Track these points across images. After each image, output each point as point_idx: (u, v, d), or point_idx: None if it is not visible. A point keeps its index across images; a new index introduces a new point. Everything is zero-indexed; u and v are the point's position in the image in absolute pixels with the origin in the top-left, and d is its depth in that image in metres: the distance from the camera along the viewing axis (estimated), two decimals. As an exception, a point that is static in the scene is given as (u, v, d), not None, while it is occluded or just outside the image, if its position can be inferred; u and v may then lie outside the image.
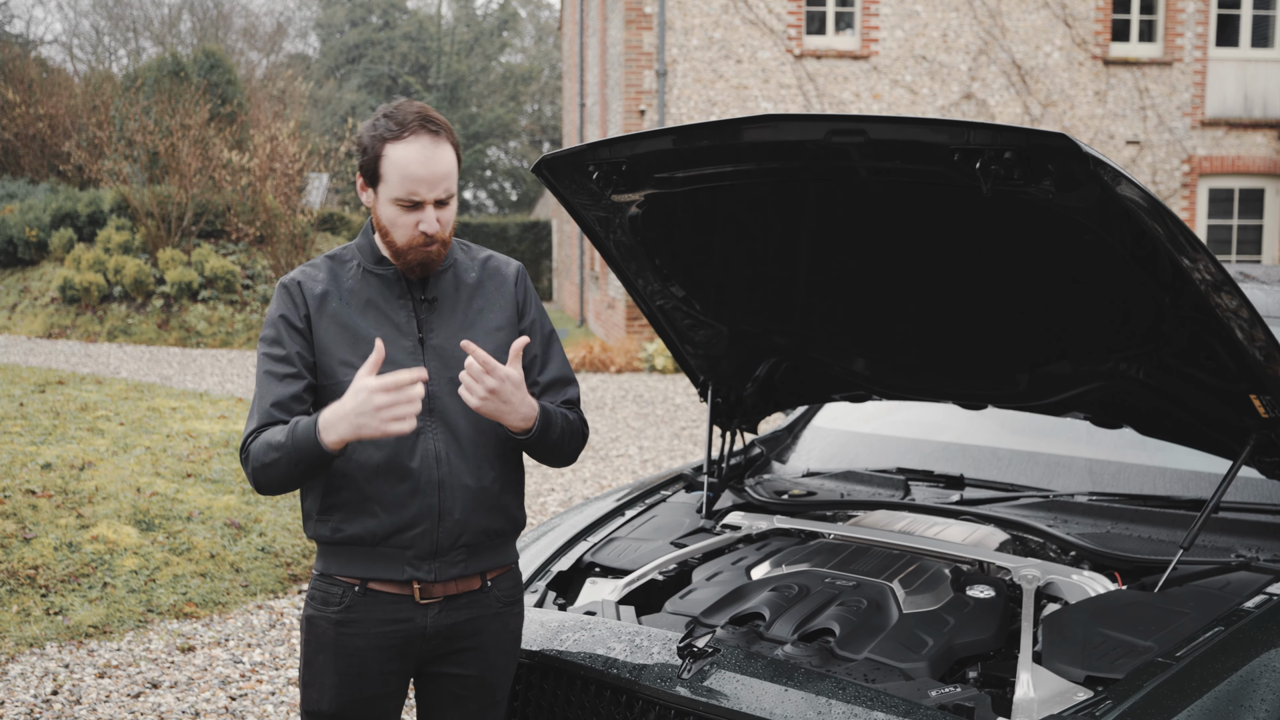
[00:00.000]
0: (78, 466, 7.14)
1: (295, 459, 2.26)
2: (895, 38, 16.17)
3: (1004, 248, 2.61)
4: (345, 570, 2.41)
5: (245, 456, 2.37)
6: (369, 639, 2.40)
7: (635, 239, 3.03)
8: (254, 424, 2.37)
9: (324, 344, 2.40)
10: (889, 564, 2.82)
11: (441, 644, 2.45)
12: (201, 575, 5.97)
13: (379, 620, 2.40)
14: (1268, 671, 2.21)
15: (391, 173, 2.32)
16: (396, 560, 2.39)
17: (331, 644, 2.41)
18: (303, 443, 2.25)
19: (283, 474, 2.30)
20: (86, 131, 21.25)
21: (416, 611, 2.41)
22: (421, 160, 2.31)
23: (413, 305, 2.44)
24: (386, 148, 2.32)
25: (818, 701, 2.23)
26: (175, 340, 17.30)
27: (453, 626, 2.44)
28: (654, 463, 9.62)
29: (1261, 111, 16.72)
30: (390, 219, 2.36)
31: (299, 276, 2.45)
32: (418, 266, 2.40)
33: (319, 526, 2.43)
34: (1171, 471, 3.23)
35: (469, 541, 2.43)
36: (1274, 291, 3.54)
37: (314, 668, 2.44)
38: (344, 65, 45.13)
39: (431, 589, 2.41)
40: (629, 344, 16.03)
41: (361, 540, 2.39)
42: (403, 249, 2.37)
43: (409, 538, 2.38)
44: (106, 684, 4.75)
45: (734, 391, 3.50)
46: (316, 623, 2.43)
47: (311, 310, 2.41)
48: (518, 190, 45.37)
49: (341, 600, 2.40)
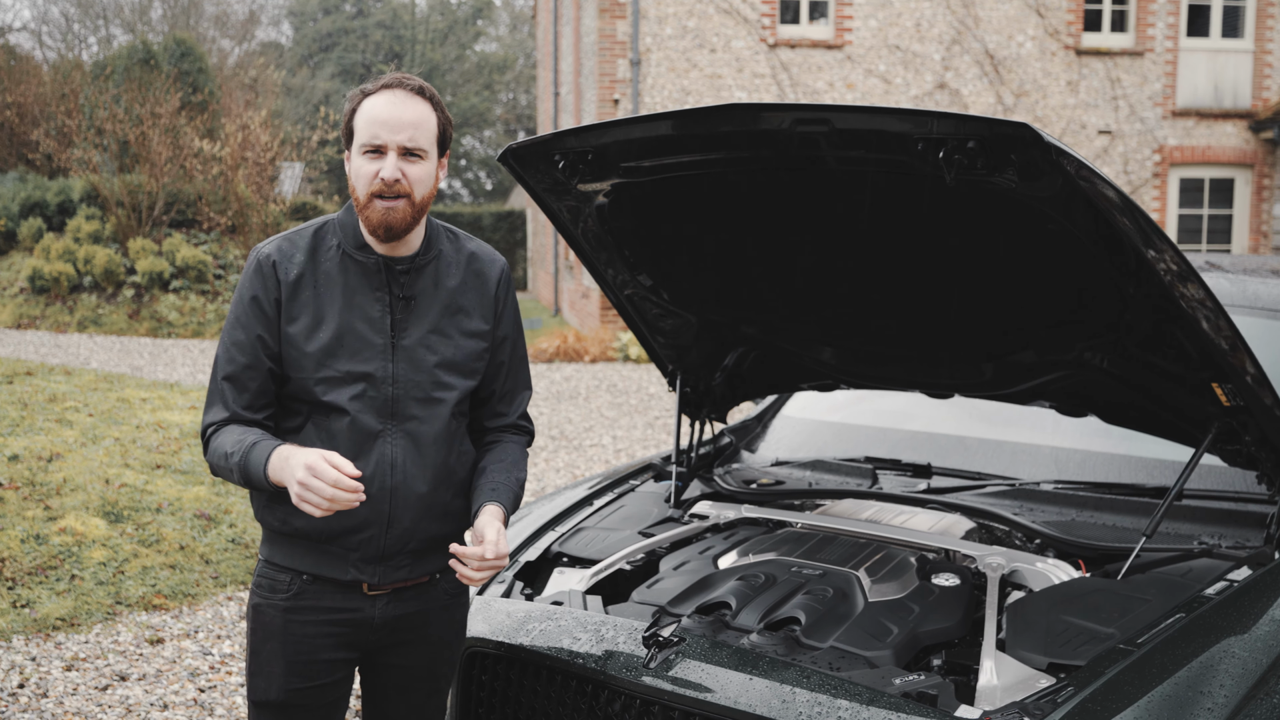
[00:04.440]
0: (45, 458, 7.08)
1: (243, 479, 2.30)
2: (869, 27, 16.19)
3: (969, 237, 2.62)
4: (292, 561, 2.39)
5: (204, 445, 2.38)
6: (318, 626, 2.38)
7: (603, 228, 3.02)
8: (216, 415, 2.36)
9: (293, 333, 2.33)
10: (855, 553, 2.83)
11: (388, 634, 2.44)
12: (171, 567, 5.93)
13: (327, 608, 2.38)
14: (1227, 657, 2.23)
15: (362, 121, 2.31)
16: (341, 560, 2.37)
17: (280, 631, 2.38)
18: (251, 472, 2.27)
19: (235, 481, 2.33)
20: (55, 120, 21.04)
21: (365, 601, 2.40)
22: (388, 104, 2.30)
23: (389, 301, 2.37)
24: (364, 102, 2.32)
25: (782, 690, 2.23)
26: (146, 330, 17.18)
27: (400, 618, 2.43)
28: (627, 452, 9.63)
29: (1232, 102, 16.84)
30: (358, 169, 2.31)
31: (275, 254, 2.35)
32: (381, 228, 2.30)
33: (267, 513, 2.40)
34: (1136, 459, 3.25)
35: (415, 548, 2.40)
36: (1239, 281, 3.56)
37: (261, 656, 2.41)
38: (317, 54, 44.85)
39: (378, 584, 2.40)
40: (603, 333, 16.02)
41: (308, 535, 2.36)
42: (364, 203, 2.30)
43: (355, 540, 2.35)
44: (74, 677, 4.72)
45: (703, 381, 3.50)
46: (264, 611, 2.40)
47: (284, 295, 2.33)
48: (493, 179, 45.23)
49: (290, 588, 2.38)
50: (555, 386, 13.32)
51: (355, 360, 2.33)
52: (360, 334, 2.34)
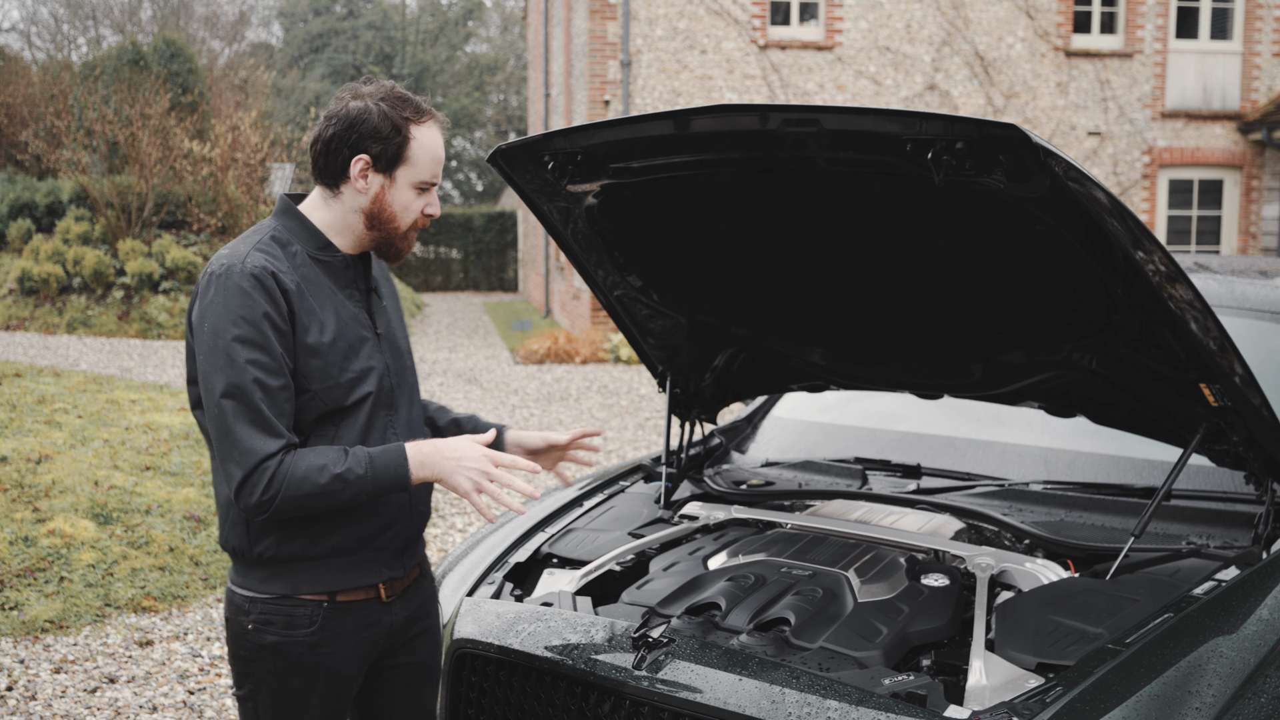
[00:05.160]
0: (34, 460, 7.06)
1: (371, 489, 2.20)
2: (859, 28, 16.21)
3: (958, 238, 2.62)
4: (313, 588, 2.30)
5: (265, 479, 2.14)
6: (347, 651, 2.35)
7: (592, 229, 3.02)
8: (272, 444, 2.15)
9: (310, 343, 2.24)
10: (845, 553, 2.83)
11: (401, 635, 2.47)
12: (160, 569, 5.92)
13: (353, 631, 2.35)
14: (1215, 657, 2.24)
15: (421, 155, 2.32)
16: (371, 564, 2.36)
17: (310, 667, 2.31)
18: (385, 475, 2.20)
19: (337, 503, 2.19)
20: (45, 121, 20.98)
21: (383, 611, 2.41)
22: (439, 141, 2.37)
23: (360, 295, 2.39)
24: (412, 129, 2.31)
25: (771, 690, 2.23)
26: (136, 332, 17.13)
27: (410, 616, 2.48)
28: (618, 453, 9.63)
29: (1220, 103, 16.89)
30: (405, 203, 2.32)
31: (269, 265, 2.22)
32: (407, 254, 2.42)
33: (282, 545, 2.27)
34: (1124, 460, 3.26)
35: (419, 526, 2.48)
36: (1227, 282, 3.57)
37: (290, 695, 2.32)
38: (307, 55, 44.78)
39: (396, 585, 2.42)
40: (594, 335, 16.02)
41: (339, 551, 2.31)
42: (405, 232, 2.36)
43: (387, 537, 2.37)
44: (63, 679, 4.70)
45: (692, 382, 3.50)
46: (287, 650, 2.29)
47: (294, 307, 2.23)
48: (483, 181, 45.18)
49: (312, 621, 2.30)
50: (546, 388, 13.31)
51: (362, 357, 2.33)
52: (356, 331, 2.34)
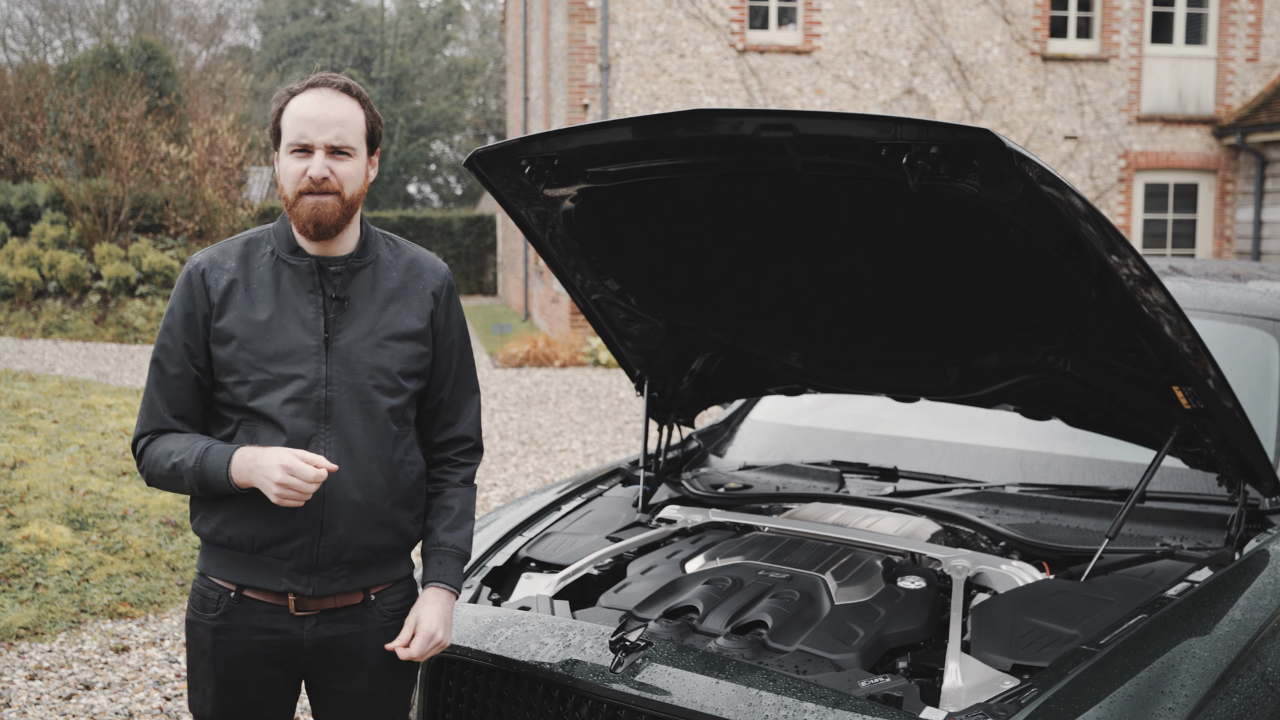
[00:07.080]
0: (9, 465, 7.00)
1: (197, 483, 2.30)
2: (837, 33, 16.26)
3: (934, 242, 2.64)
4: (223, 573, 2.37)
5: (137, 455, 2.40)
6: (247, 647, 2.36)
7: (569, 234, 3.02)
8: (148, 425, 2.38)
9: (227, 340, 2.32)
10: (822, 556, 2.84)
11: (321, 657, 2.39)
12: (136, 574, 5.88)
13: (254, 629, 2.35)
14: (1188, 658, 2.25)
15: (287, 122, 2.30)
16: (274, 570, 2.33)
17: (210, 650, 2.37)
18: (210, 476, 2.28)
19: (182, 489, 2.34)
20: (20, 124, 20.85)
21: (293, 623, 2.35)
22: (314, 103, 2.29)
23: (323, 302, 2.34)
24: (290, 103, 2.31)
25: (748, 693, 2.24)
26: (112, 336, 17.03)
27: (331, 640, 2.38)
28: (597, 457, 9.62)
29: (1195, 108, 17.01)
30: (286, 169, 2.30)
31: (205, 263, 2.36)
32: (310, 224, 2.28)
33: (202, 524, 2.39)
34: (1099, 462, 3.28)
35: (352, 558, 2.35)
36: (1201, 285, 3.60)
37: (196, 673, 2.42)
38: (286, 58, 44.61)
39: (307, 602, 2.35)
40: (573, 338, 16.01)
41: (240, 545, 2.33)
42: (292, 201, 2.29)
43: (288, 549, 2.31)
44: (37, 686, 4.67)
45: (670, 386, 3.51)
46: (195, 628, 2.40)
47: (214, 305, 2.33)
48: (463, 184, 45.08)
49: (218, 606, 2.37)
50: (525, 391, 13.30)
51: (287, 363, 2.30)
52: (292, 336, 2.31)
